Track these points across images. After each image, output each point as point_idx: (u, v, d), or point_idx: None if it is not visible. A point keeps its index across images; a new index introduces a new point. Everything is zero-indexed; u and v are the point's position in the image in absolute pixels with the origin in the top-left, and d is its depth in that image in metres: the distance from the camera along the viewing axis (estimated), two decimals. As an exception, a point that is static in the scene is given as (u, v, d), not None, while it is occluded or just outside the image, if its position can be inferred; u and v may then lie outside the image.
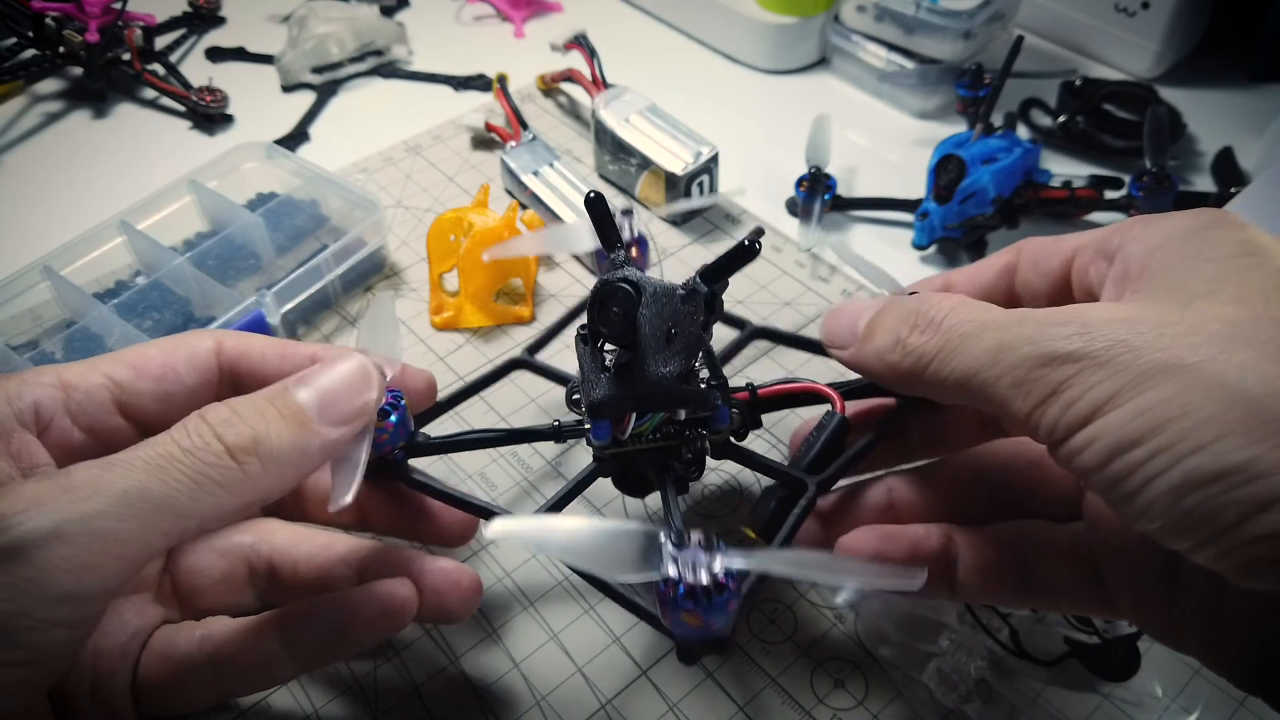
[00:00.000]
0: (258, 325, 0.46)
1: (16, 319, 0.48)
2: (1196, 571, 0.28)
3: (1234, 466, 0.21)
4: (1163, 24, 0.63)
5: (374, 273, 0.53)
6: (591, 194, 0.34)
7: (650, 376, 0.31)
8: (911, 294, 0.34)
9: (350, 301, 0.52)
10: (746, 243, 0.30)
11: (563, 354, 0.46)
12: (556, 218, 0.54)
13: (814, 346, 0.40)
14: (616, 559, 0.28)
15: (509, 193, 0.59)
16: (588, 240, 0.41)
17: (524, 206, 0.55)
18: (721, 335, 0.43)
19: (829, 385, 0.36)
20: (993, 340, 0.27)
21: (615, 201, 0.57)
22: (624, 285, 0.31)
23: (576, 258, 0.54)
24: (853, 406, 0.36)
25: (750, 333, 0.42)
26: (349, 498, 0.30)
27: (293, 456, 0.29)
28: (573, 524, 0.28)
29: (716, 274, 0.31)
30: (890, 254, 0.55)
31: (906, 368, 0.29)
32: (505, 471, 0.44)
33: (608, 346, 0.33)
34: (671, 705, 0.36)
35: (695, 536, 0.28)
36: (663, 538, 0.28)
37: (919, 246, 0.54)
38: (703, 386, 0.33)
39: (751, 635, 0.38)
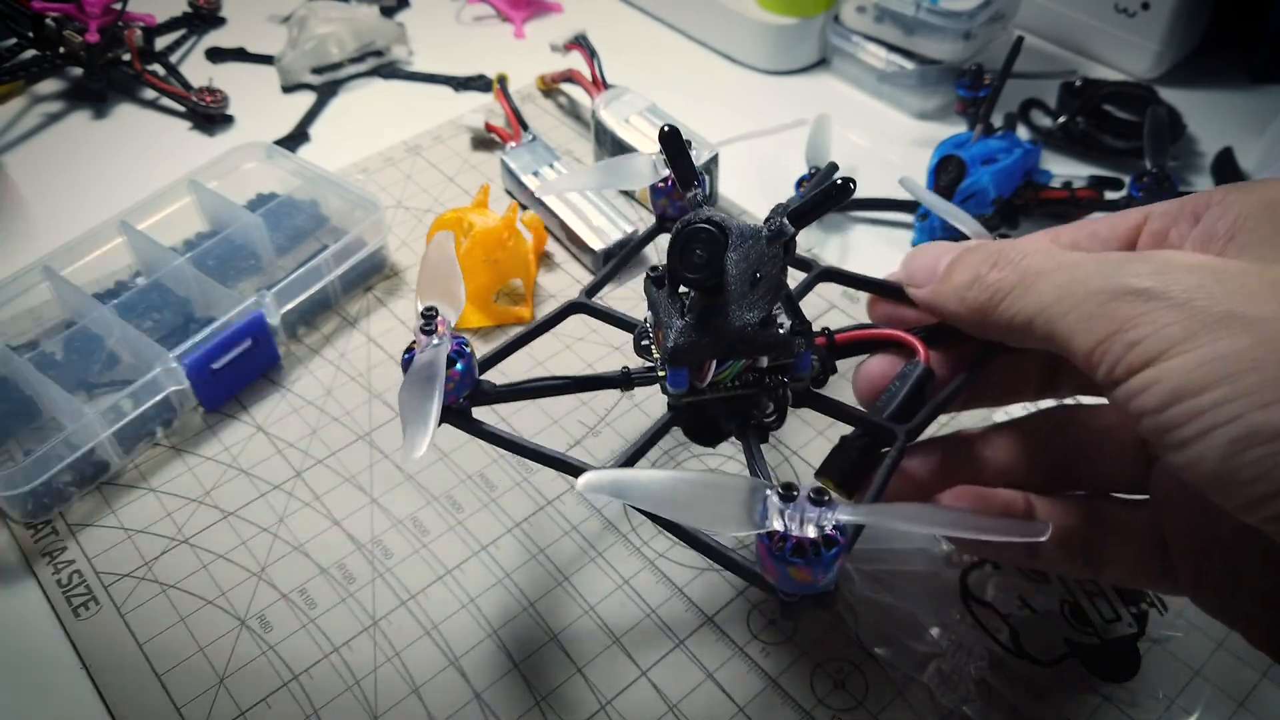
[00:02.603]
0: (258, 326, 0.46)
1: (16, 319, 0.47)
2: (1255, 552, 0.28)
3: None
4: (1163, 24, 0.63)
5: (374, 273, 0.53)
6: (666, 127, 0.32)
7: (735, 323, 0.30)
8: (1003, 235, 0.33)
9: (350, 302, 0.52)
10: (840, 181, 0.29)
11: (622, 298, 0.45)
12: (556, 218, 0.54)
13: (886, 289, 0.38)
14: (717, 513, 0.26)
15: (509, 193, 0.59)
16: (647, 173, 0.39)
17: (524, 207, 0.55)
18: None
19: (910, 331, 0.35)
20: (1066, 276, 0.26)
21: (616, 202, 0.57)
22: (708, 226, 0.29)
23: (576, 258, 0.54)
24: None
25: (818, 274, 0.39)
26: (420, 451, 0.29)
27: None
28: (668, 476, 0.27)
29: (807, 215, 0.30)
30: (890, 255, 0.55)
31: (980, 304, 0.29)
32: (505, 472, 0.44)
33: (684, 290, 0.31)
34: (671, 706, 0.36)
35: (804, 490, 0.26)
36: (768, 491, 0.27)
37: (919, 247, 0.54)
38: (782, 332, 0.31)
39: (751, 636, 0.38)
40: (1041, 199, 0.54)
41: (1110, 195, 0.55)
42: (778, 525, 0.26)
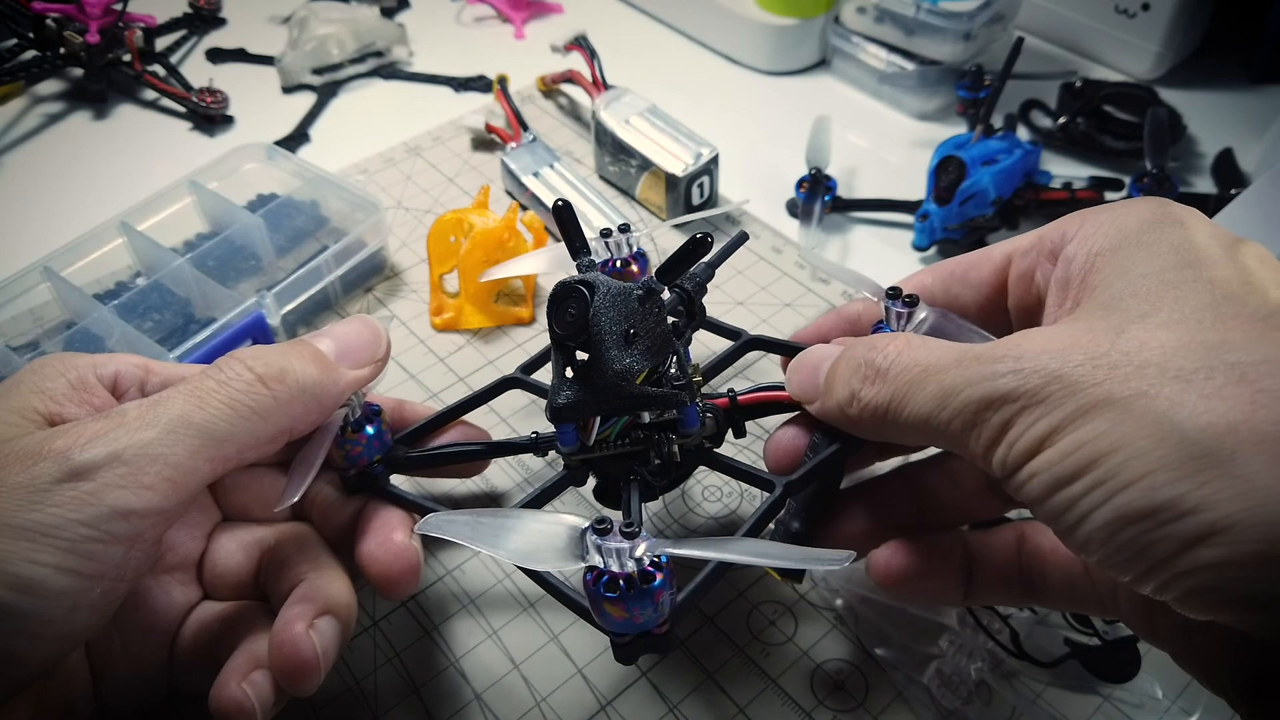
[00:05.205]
0: (258, 327, 0.46)
1: (17, 320, 0.48)
2: None
3: (1164, 503, 0.22)
4: (1163, 25, 0.64)
5: (374, 274, 0.53)
6: (559, 202, 0.33)
7: (608, 378, 0.30)
8: (892, 290, 0.34)
9: (351, 303, 0.52)
10: (698, 236, 0.30)
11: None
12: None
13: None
14: (542, 551, 0.28)
15: (509, 194, 0.59)
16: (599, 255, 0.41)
17: (524, 208, 0.55)
18: (717, 344, 0.42)
19: None
20: (935, 386, 0.27)
21: (615, 203, 0.57)
22: (578, 286, 0.31)
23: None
24: None
25: (745, 342, 0.41)
26: (295, 497, 0.32)
27: (316, 389, 0.32)
28: (502, 519, 0.29)
29: (669, 271, 0.31)
30: (891, 255, 0.55)
31: (867, 421, 0.30)
32: (505, 472, 0.44)
33: (580, 355, 0.32)
34: (671, 706, 0.36)
35: (618, 524, 0.28)
36: (585, 525, 0.28)
37: (919, 248, 0.55)
38: (659, 389, 0.32)
39: (751, 637, 0.38)
40: (1042, 200, 0.54)
41: (1110, 196, 0.55)
42: (596, 560, 0.28)
